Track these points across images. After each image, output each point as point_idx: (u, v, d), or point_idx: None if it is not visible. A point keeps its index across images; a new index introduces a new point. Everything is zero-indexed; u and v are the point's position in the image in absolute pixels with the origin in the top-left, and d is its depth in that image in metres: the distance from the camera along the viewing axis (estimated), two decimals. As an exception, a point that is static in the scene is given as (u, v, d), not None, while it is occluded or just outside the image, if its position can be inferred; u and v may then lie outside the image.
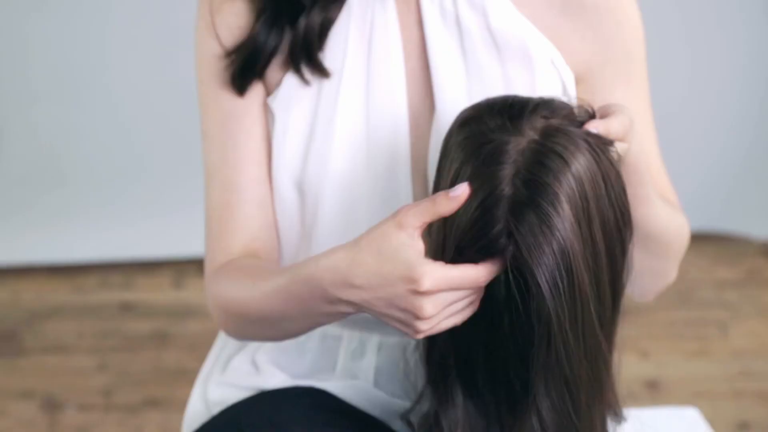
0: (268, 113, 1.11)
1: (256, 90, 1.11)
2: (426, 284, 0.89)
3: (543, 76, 1.07)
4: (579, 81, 1.10)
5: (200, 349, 2.45)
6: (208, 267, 1.11)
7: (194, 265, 2.74)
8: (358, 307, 0.94)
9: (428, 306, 0.89)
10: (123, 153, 2.77)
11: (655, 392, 2.29)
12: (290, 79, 1.09)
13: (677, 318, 2.52)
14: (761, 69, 2.71)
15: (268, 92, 1.12)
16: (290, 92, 1.09)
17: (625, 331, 1.04)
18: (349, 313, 0.96)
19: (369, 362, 1.16)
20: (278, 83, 1.10)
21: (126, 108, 2.74)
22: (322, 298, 0.95)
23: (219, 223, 1.11)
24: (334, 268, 0.93)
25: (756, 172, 2.77)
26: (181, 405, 2.28)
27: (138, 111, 2.74)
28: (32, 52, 2.68)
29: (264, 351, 1.20)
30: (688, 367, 2.36)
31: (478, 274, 0.90)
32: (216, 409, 1.17)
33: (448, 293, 0.90)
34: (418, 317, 0.90)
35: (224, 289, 1.07)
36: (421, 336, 0.91)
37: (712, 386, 2.31)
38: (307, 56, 1.07)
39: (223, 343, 1.27)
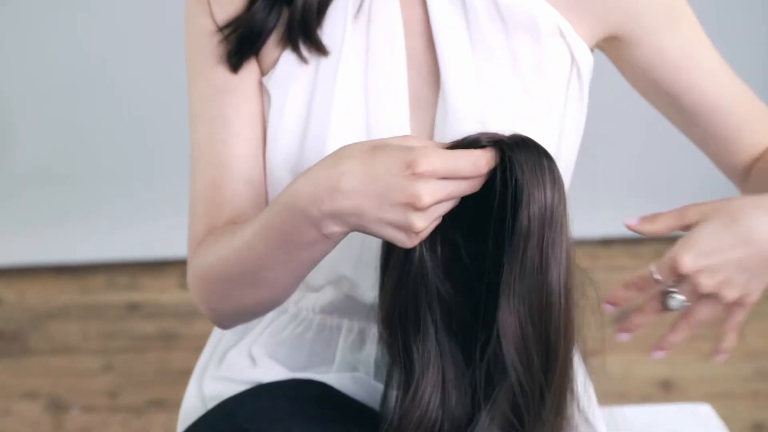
0: (263, 94, 1.08)
1: (250, 68, 1.08)
2: (423, 164, 0.84)
3: (550, 48, 1.05)
4: (618, 37, 1.08)
5: (207, 349, 2.44)
6: (191, 246, 1.07)
7: (201, 265, 2.72)
8: (346, 220, 0.88)
9: (425, 193, 0.84)
10: (129, 153, 2.77)
11: (669, 392, 2.27)
12: (287, 58, 1.06)
13: (691, 318, 2.49)
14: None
15: (263, 72, 1.09)
16: (287, 71, 1.06)
17: (637, 331, 1.02)
18: (334, 239, 0.91)
19: (369, 353, 1.13)
20: (274, 62, 1.07)
21: (133, 108, 2.73)
22: (303, 221, 0.90)
23: (204, 200, 1.07)
24: (314, 180, 0.88)
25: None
26: (187, 406, 2.30)
27: (145, 111, 2.73)
28: (42, 53, 2.68)
29: (261, 344, 1.18)
30: (703, 367, 2.34)
31: (476, 156, 0.86)
32: (212, 404, 1.14)
33: (446, 183, 0.85)
34: (415, 207, 0.85)
35: (204, 257, 1.04)
36: (416, 241, 0.87)
37: (727, 387, 2.28)
38: (304, 33, 1.04)
39: (218, 336, 1.24)
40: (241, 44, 1.06)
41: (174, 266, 2.76)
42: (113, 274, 2.76)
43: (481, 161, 0.86)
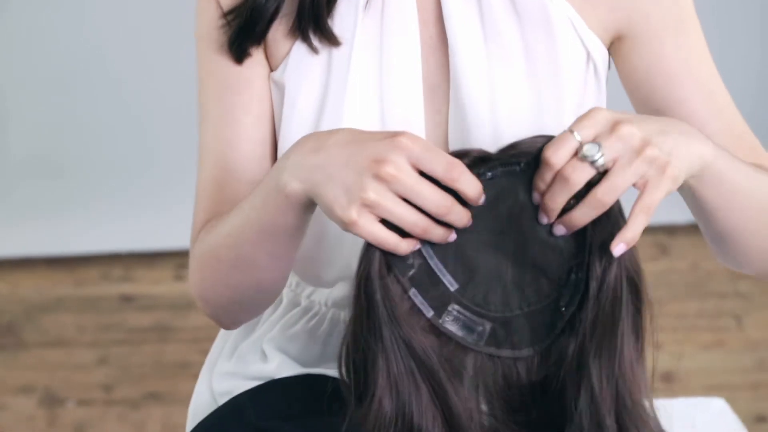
0: (274, 89, 1.07)
1: (258, 64, 1.06)
2: (406, 137, 0.83)
3: (564, 43, 1.03)
4: (624, 38, 1.05)
5: (202, 342, 2.43)
6: (193, 237, 1.07)
7: (196, 257, 2.71)
8: (308, 173, 0.86)
9: (392, 162, 0.82)
10: (124, 145, 2.76)
11: (670, 385, 2.26)
12: (299, 49, 1.05)
13: (691, 309, 2.49)
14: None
15: (273, 66, 1.07)
16: (299, 62, 1.05)
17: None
18: (292, 201, 0.89)
19: None
20: (285, 55, 1.06)
21: (128, 99, 2.72)
22: (274, 174, 0.90)
23: (207, 199, 1.07)
24: (305, 138, 0.88)
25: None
26: (184, 399, 2.28)
27: (140, 103, 2.72)
28: (37, 41, 2.66)
29: (272, 338, 1.16)
30: (703, 358, 2.33)
31: (455, 161, 0.83)
32: (222, 400, 1.13)
33: (417, 176, 0.83)
34: (375, 172, 0.82)
35: (201, 242, 1.03)
36: (354, 215, 0.83)
37: (728, 378, 2.28)
38: (314, 22, 1.03)
39: (228, 330, 1.22)
40: (242, 29, 1.04)
41: (168, 258, 2.75)
42: (107, 266, 2.74)
43: (457, 168, 0.83)
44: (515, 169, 0.86)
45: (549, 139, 0.86)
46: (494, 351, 0.88)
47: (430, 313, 0.87)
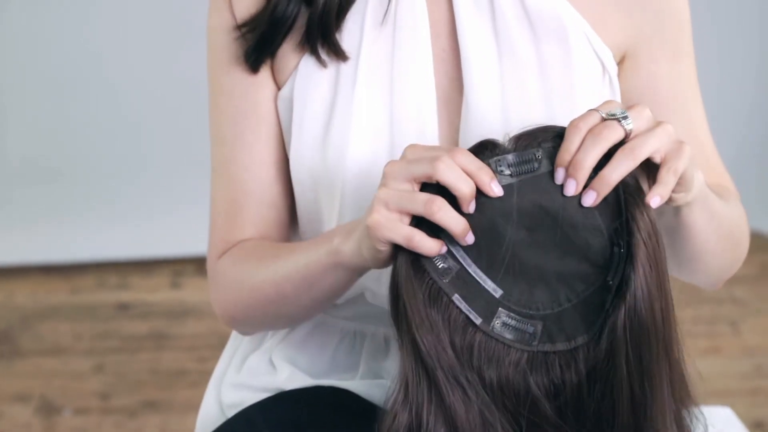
0: (281, 107, 1.07)
1: (265, 86, 1.07)
2: (409, 145, 0.88)
3: (579, 56, 1.03)
4: (627, 57, 1.06)
5: (199, 349, 2.43)
6: (213, 254, 1.09)
7: (192, 264, 2.71)
8: (353, 233, 0.91)
9: (395, 162, 0.87)
10: (120, 151, 2.76)
11: (668, 391, 2.26)
12: (307, 63, 1.05)
13: (687, 316, 2.49)
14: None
15: (280, 83, 1.07)
16: (307, 76, 1.05)
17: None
18: (339, 258, 0.93)
19: (394, 362, 1.10)
20: (294, 69, 1.06)
21: (124, 105, 2.73)
22: (326, 238, 0.96)
23: (225, 218, 1.09)
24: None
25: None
26: (181, 407, 2.29)
27: (136, 109, 2.73)
28: (32, 44, 2.66)
29: (281, 350, 1.16)
30: (701, 365, 2.31)
31: (458, 148, 0.86)
32: (230, 412, 1.13)
33: (420, 149, 0.87)
34: (385, 171, 0.87)
35: (233, 266, 1.06)
36: (376, 216, 0.85)
37: (725, 385, 2.28)
38: (323, 35, 1.03)
39: (237, 342, 1.22)
40: (259, 42, 1.04)
41: (164, 265, 2.75)
42: (103, 273, 2.74)
43: (462, 150, 0.85)
44: (533, 166, 0.87)
45: (561, 128, 0.87)
46: (550, 347, 0.87)
47: (478, 321, 0.87)
